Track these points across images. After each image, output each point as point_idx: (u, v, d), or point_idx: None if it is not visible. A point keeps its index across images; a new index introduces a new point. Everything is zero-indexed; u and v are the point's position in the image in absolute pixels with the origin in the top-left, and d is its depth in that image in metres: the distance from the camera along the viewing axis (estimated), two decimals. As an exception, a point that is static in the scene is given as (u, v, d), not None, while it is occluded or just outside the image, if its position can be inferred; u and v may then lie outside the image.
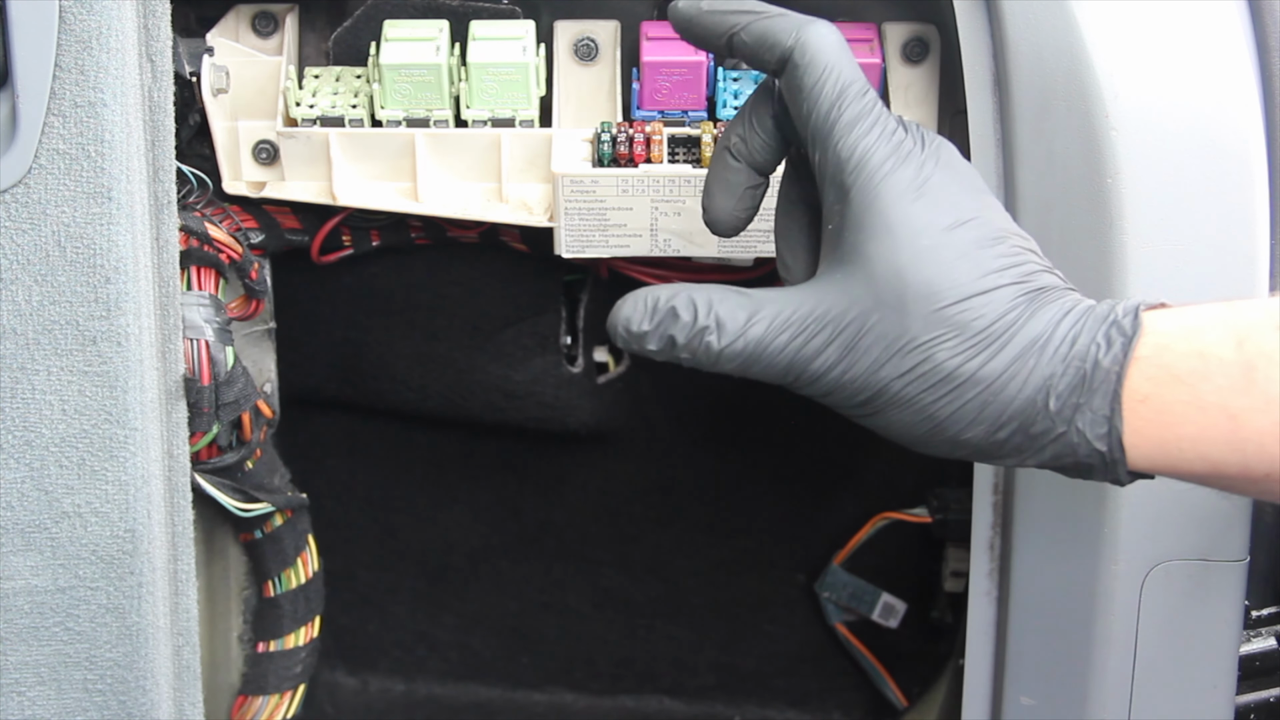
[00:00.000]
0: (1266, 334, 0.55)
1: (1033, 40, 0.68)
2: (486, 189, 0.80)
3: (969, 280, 0.57)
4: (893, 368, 0.57)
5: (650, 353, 0.60)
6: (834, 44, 0.60)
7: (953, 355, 0.57)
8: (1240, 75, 0.69)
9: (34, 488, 0.67)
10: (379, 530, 1.12)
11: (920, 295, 0.57)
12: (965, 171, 0.61)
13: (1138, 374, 0.56)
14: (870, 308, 0.58)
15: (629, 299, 0.60)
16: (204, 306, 0.74)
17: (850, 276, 0.58)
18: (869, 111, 0.60)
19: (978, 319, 0.57)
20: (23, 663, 0.69)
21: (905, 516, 1.04)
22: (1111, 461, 0.57)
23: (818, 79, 0.60)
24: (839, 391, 0.59)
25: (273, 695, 0.91)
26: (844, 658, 1.12)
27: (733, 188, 0.64)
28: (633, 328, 0.60)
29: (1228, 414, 0.55)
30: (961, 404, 0.57)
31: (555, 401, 1.01)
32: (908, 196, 0.58)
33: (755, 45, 0.61)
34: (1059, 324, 0.57)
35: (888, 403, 0.58)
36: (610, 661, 1.15)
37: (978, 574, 0.76)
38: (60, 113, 0.64)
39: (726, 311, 0.59)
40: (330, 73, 0.79)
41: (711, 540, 1.11)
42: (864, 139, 0.59)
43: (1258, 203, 0.69)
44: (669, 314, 0.59)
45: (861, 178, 0.59)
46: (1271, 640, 0.76)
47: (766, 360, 0.59)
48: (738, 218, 0.65)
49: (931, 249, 0.58)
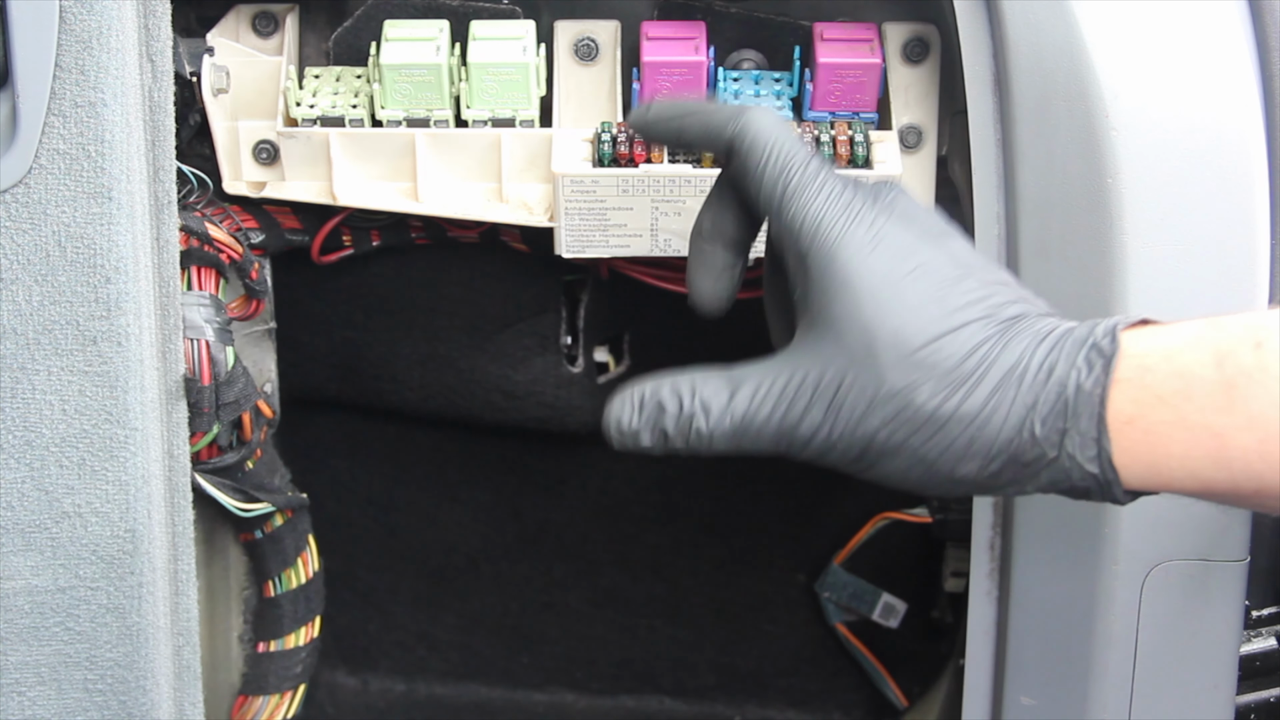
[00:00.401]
0: (1245, 352, 0.55)
1: (1033, 40, 0.68)
2: (487, 189, 0.80)
3: (934, 321, 0.58)
4: (877, 419, 0.58)
5: (646, 447, 0.62)
6: (770, 125, 0.62)
7: (931, 397, 0.57)
8: (1240, 75, 0.69)
9: (34, 488, 0.67)
10: (379, 530, 1.12)
11: (889, 345, 0.58)
12: (922, 218, 0.62)
13: (1121, 396, 0.56)
14: (844, 365, 0.59)
15: (616, 399, 0.62)
16: (204, 306, 0.74)
17: (821, 339, 0.60)
18: (813, 179, 0.61)
19: (948, 358, 0.58)
20: (23, 663, 0.69)
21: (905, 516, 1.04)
22: (1105, 483, 0.57)
23: (760, 160, 0.62)
24: (831, 451, 0.60)
25: (273, 695, 0.91)
26: (844, 658, 1.12)
27: (712, 269, 0.66)
28: (624, 426, 0.62)
29: (1212, 433, 0.55)
30: (949, 443, 0.58)
31: (555, 401, 1.01)
32: (863, 252, 0.60)
33: (701, 141, 0.65)
34: (1034, 352, 0.58)
35: (880, 454, 0.59)
36: (610, 661, 1.15)
37: (978, 574, 0.76)
38: (60, 113, 0.64)
39: (710, 393, 0.61)
40: (330, 73, 0.79)
41: (711, 540, 1.11)
42: (811, 204, 0.61)
43: (1258, 203, 0.69)
44: (656, 407, 0.61)
45: (816, 242, 0.60)
46: (1272, 640, 0.76)
47: (755, 432, 0.60)
48: (720, 297, 0.67)
49: (893, 298, 0.59)
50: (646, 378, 0.62)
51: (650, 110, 0.67)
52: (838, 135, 0.75)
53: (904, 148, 0.78)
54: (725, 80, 0.78)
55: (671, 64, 0.77)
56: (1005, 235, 0.71)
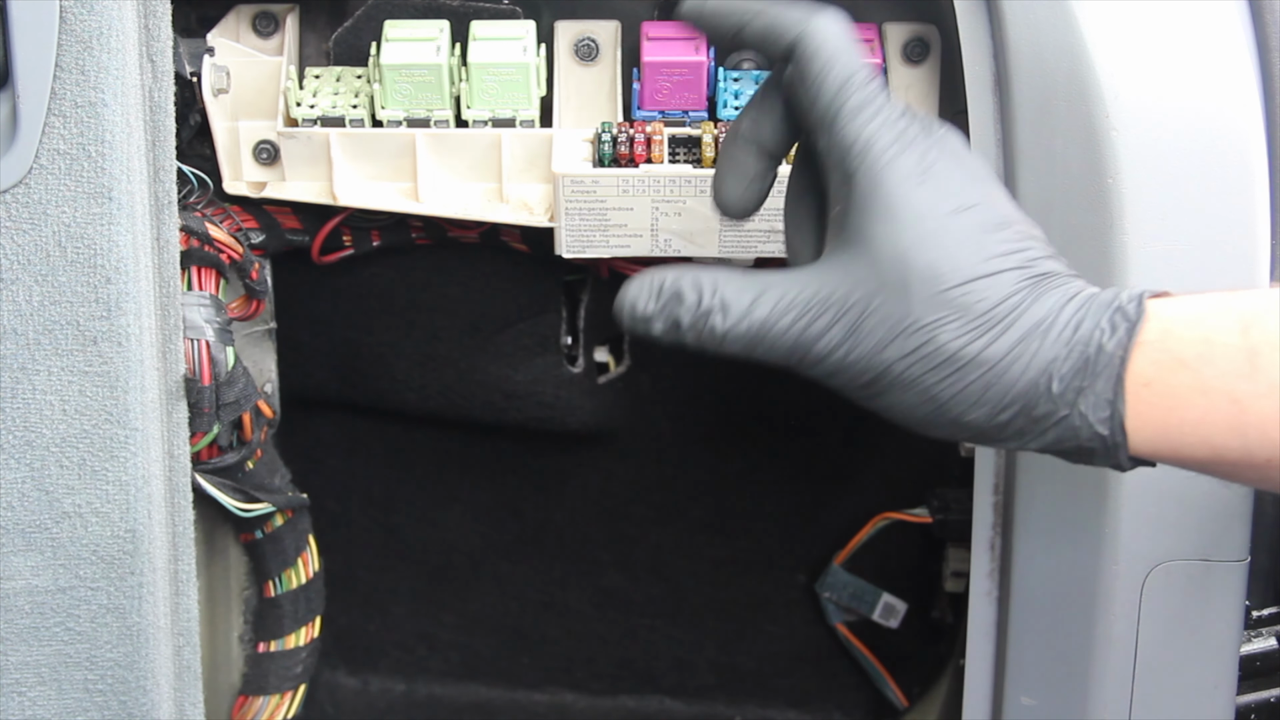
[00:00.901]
0: (1271, 321, 0.55)
1: (1033, 40, 0.68)
2: (487, 189, 0.80)
3: (972, 264, 0.58)
4: (896, 349, 0.58)
5: (656, 335, 0.60)
6: (838, 33, 0.61)
7: (956, 337, 0.57)
8: (1240, 75, 0.69)
9: (35, 488, 0.67)
10: (379, 530, 1.12)
11: (923, 278, 0.57)
12: (970, 160, 0.61)
13: (1142, 358, 0.56)
14: (874, 290, 0.58)
15: (635, 280, 0.61)
16: (204, 306, 0.74)
17: (855, 259, 0.59)
18: (872, 99, 0.60)
19: (980, 301, 0.57)
20: (23, 663, 0.69)
21: (905, 516, 1.04)
22: (1113, 445, 0.57)
23: (822, 68, 0.60)
24: (843, 373, 0.59)
25: (273, 695, 0.91)
26: (844, 658, 1.12)
27: (744, 171, 0.65)
28: (638, 310, 0.60)
29: (1231, 398, 0.56)
30: (965, 385, 0.58)
31: (555, 401, 1.01)
32: (911, 181, 0.59)
33: (762, 37, 0.62)
34: (1063, 309, 0.58)
35: (891, 384, 0.59)
36: (610, 661, 1.15)
37: (978, 574, 0.76)
38: (61, 113, 0.64)
39: (731, 293, 0.59)
40: (331, 73, 0.79)
41: (711, 540, 1.11)
42: (867, 126, 0.59)
43: (1258, 202, 0.69)
44: (674, 296, 0.60)
45: (865, 163, 0.59)
46: (1272, 640, 0.76)
47: (771, 341, 0.59)
48: (748, 200, 0.65)
49: (934, 233, 0.58)
50: (668, 266, 0.61)
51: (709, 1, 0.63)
52: (838, 135, 0.75)
53: (904, 148, 0.78)
54: (725, 80, 0.78)
55: (672, 64, 0.77)
56: (1005, 235, 0.71)
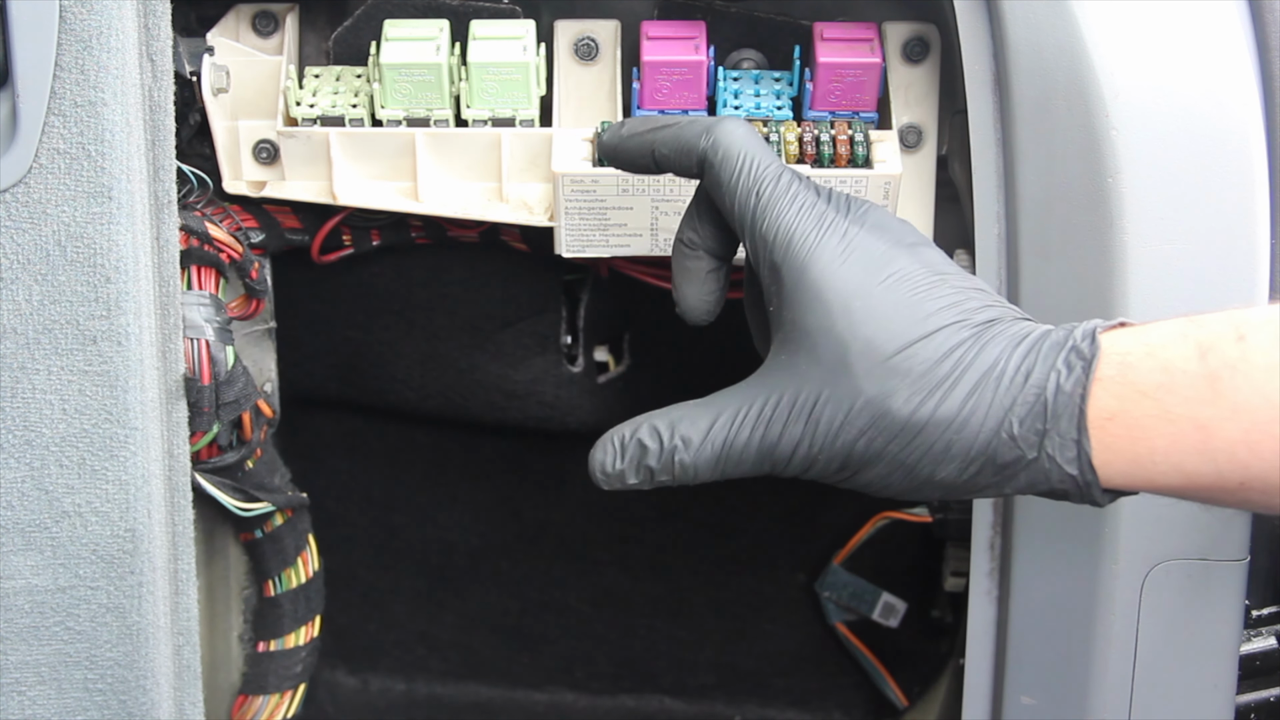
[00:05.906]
0: (1228, 344, 0.55)
1: (1033, 40, 0.69)
2: (487, 188, 0.80)
3: (908, 328, 0.58)
4: (854, 429, 0.58)
5: (634, 486, 0.63)
6: (741, 137, 0.63)
7: (906, 403, 0.58)
8: (1240, 75, 0.69)
9: (34, 487, 0.67)
10: (379, 530, 1.12)
11: (862, 354, 0.58)
12: (895, 228, 0.62)
13: (1103, 393, 0.56)
14: (820, 380, 0.59)
15: (599, 445, 0.63)
16: (204, 306, 0.74)
17: (795, 354, 0.60)
18: (785, 192, 0.61)
19: (922, 362, 0.58)
20: (23, 662, 0.69)
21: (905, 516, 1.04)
22: (1084, 484, 0.57)
23: (732, 172, 0.62)
24: (814, 465, 0.60)
25: (273, 695, 0.91)
26: (844, 657, 1.12)
27: (695, 276, 0.66)
28: (609, 469, 0.63)
29: (1196, 424, 0.55)
30: (927, 447, 0.58)
31: (555, 401, 1.01)
32: (835, 263, 0.60)
33: (674, 156, 0.64)
34: (1011, 354, 0.58)
35: (861, 463, 0.59)
36: (610, 661, 1.15)
37: (978, 573, 0.76)
38: (60, 112, 0.64)
39: (688, 426, 0.61)
40: (330, 72, 0.79)
41: (711, 540, 1.11)
42: (783, 217, 0.61)
43: (1258, 202, 0.69)
44: (638, 447, 0.62)
45: (789, 254, 0.60)
46: (1272, 640, 0.76)
47: (737, 457, 0.61)
48: (707, 302, 0.67)
49: (866, 307, 0.59)
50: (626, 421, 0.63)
51: (624, 127, 0.66)
52: (838, 135, 0.75)
53: (904, 147, 0.78)
54: (725, 80, 0.78)
55: (671, 63, 0.76)
56: (1005, 235, 0.71)
